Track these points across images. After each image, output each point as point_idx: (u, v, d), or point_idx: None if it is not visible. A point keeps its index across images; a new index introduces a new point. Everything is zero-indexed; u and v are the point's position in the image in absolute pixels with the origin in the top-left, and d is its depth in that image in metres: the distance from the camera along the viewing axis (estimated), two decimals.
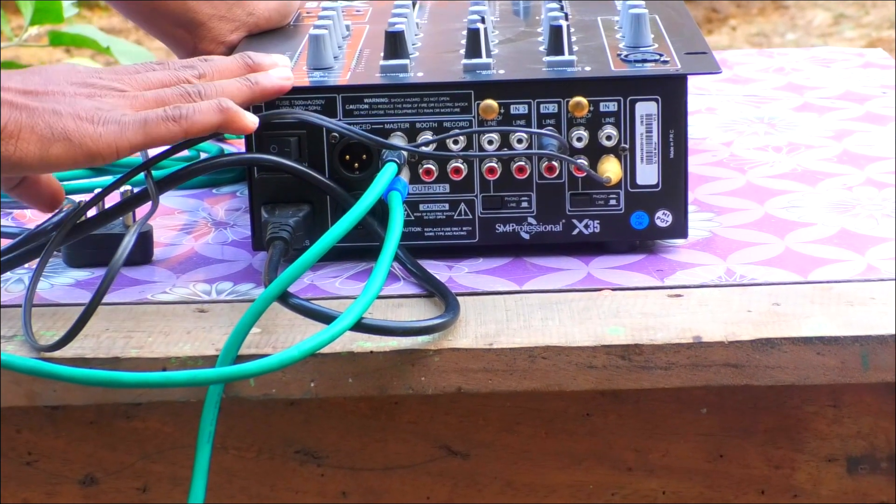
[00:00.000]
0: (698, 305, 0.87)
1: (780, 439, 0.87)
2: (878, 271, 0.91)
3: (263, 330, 0.85)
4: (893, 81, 1.31)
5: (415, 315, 0.87)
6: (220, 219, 1.05)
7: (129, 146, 0.85)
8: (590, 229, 0.94)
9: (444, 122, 0.92)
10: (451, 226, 0.94)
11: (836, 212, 1.00)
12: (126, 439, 0.88)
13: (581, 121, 0.92)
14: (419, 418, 0.87)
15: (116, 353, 0.84)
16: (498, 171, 0.93)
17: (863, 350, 0.82)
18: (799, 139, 1.16)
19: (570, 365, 0.83)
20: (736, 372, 0.83)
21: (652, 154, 0.92)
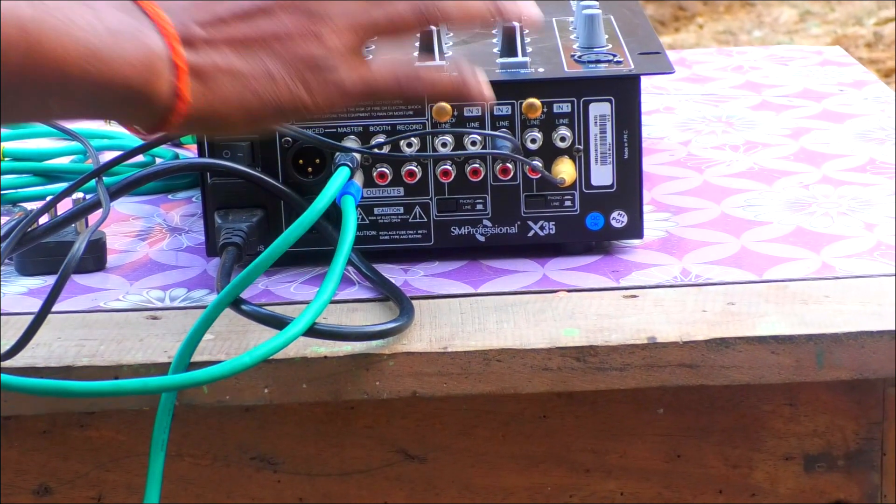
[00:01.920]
0: (653, 306, 0.87)
1: (738, 439, 0.87)
2: (832, 269, 0.91)
3: (217, 336, 0.85)
4: (850, 79, 1.31)
5: (369, 319, 0.87)
6: (176, 224, 1.04)
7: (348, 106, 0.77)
8: (545, 231, 0.94)
9: (398, 124, 0.92)
10: (406, 229, 0.94)
11: (792, 210, 1.00)
12: (80, 448, 0.87)
13: (535, 122, 0.92)
14: (375, 423, 0.87)
15: (68, 361, 0.83)
16: (452, 173, 0.92)
17: (817, 348, 0.82)
18: (756, 138, 1.16)
19: (524, 367, 0.83)
20: (691, 372, 0.83)
21: (606, 155, 0.92)
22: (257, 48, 0.75)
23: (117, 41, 0.71)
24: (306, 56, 0.75)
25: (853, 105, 1.23)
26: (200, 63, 0.74)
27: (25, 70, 0.69)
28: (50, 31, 0.69)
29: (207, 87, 0.74)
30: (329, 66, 0.75)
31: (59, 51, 0.69)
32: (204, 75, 0.74)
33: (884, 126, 1.17)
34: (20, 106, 0.71)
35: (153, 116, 0.73)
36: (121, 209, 1.07)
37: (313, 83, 0.75)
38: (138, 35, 0.72)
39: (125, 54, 0.71)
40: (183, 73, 0.73)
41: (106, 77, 0.71)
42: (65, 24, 0.69)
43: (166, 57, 0.72)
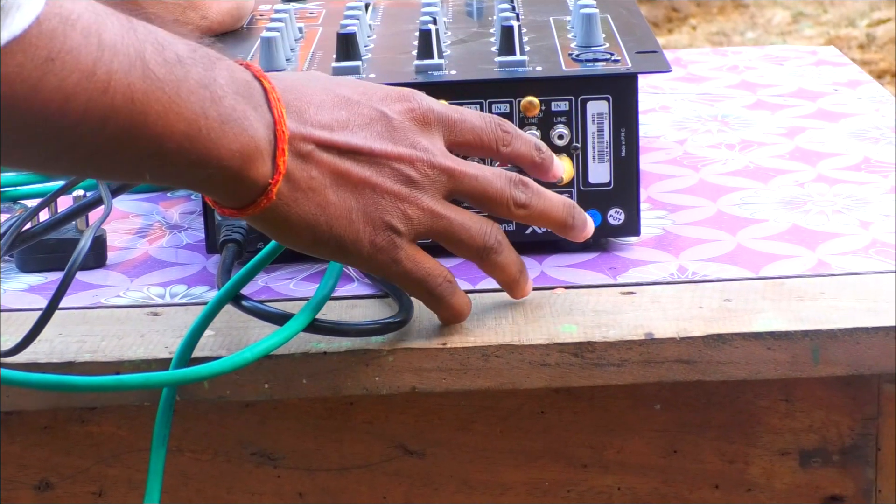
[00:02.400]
0: (650, 302, 0.87)
1: (734, 434, 0.88)
2: (828, 266, 0.91)
3: (217, 332, 0.85)
4: (845, 79, 1.32)
5: (369, 316, 0.87)
6: (175, 222, 1.05)
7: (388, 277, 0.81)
8: (543, 228, 0.94)
9: None
10: None
11: (788, 208, 1.01)
12: (81, 444, 0.88)
13: (533, 120, 0.92)
14: (374, 418, 0.87)
15: (70, 357, 0.84)
16: None
17: (813, 344, 0.83)
18: (752, 137, 1.17)
19: (523, 363, 0.83)
20: (688, 368, 0.83)
21: (604, 153, 0.93)
22: (352, 187, 0.78)
23: (224, 129, 0.73)
24: (387, 216, 0.78)
25: (848, 104, 1.24)
26: (299, 174, 0.76)
27: (125, 140, 0.70)
28: (157, 107, 0.70)
29: (294, 196, 0.76)
30: (399, 235, 0.79)
31: (162, 129, 0.70)
32: (296, 185, 0.76)
33: (878, 125, 1.18)
34: (115, 170, 0.73)
35: (235, 200, 0.76)
36: (120, 207, 1.07)
37: (380, 242, 0.79)
38: (247, 126, 0.73)
39: (228, 142, 0.73)
40: (279, 176, 0.75)
41: (203, 159, 0.72)
42: (175, 103, 0.70)
43: (270, 154, 0.75)
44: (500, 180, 0.82)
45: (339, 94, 0.79)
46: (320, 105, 0.78)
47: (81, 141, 0.69)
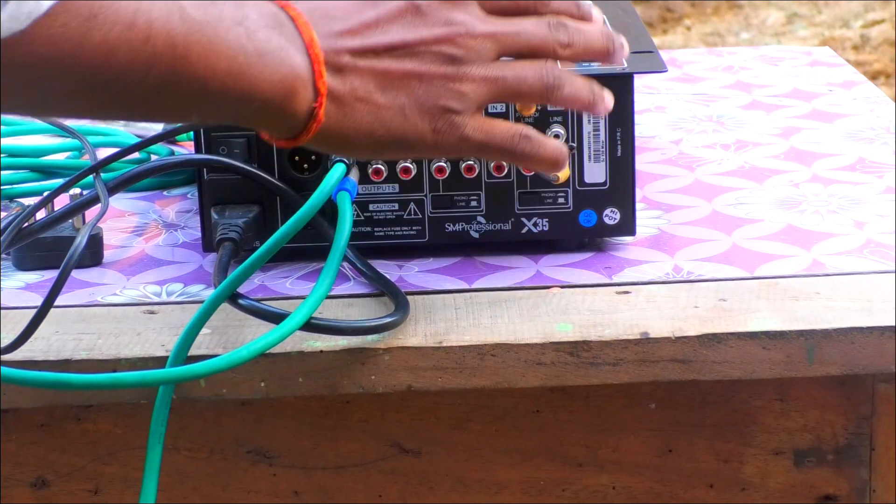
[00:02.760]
0: (646, 302, 0.88)
1: (729, 433, 0.88)
2: (823, 266, 0.92)
3: (214, 330, 0.86)
4: (840, 80, 1.32)
5: (365, 314, 0.87)
6: (171, 220, 1.05)
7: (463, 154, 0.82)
8: (539, 228, 0.94)
9: None
10: (401, 225, 0.95)
11: (783, 208, 1.01)
12: (77, 441, 0.88)
13: (529, 120, 0.93)
14: (370, 417, 0.88)
15: (66, 355, 0.84)
16: (447, 170, 0.93)
17: (808, 344, 0.83)
18: (747, 137, 1.17)
19: (518, 362, 0.84)
20: (683, 367, 0.84)
21: (599, 152, 0.93)
22: (398, 83, 0.78)
23: (264, 62, 0.73)
24: (441, 100, 0.78)
25: (843, 105, 1.24)
26: (341, 89, 0.76)
27: (169, 84, 0.71)
28: (198, 48, 0.71)
29: (342, 111, 0.76)
30: (458, 114, 0.78)
31: (204, 69, 0.72)
32: (341, 100, 0.76)
33: (873, 126, 1.18)
34: (161, 112, 0.75)
35: (286, 131, 0.76)
36: (117, 205, 1.07)
37: (441, 127, 0.78)
38: (285, 57, 0.74)
39: (269, 75, 0.74)
40: (322, 98, 0.76)
41: (246, 94, 0.73)
42: (214, 43, 0.72)
43: (309, 79, 0.75)
44: (541, 28, 0.82)
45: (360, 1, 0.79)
46: (346, 15, 0.78)
47: (128, 89, 0.70)
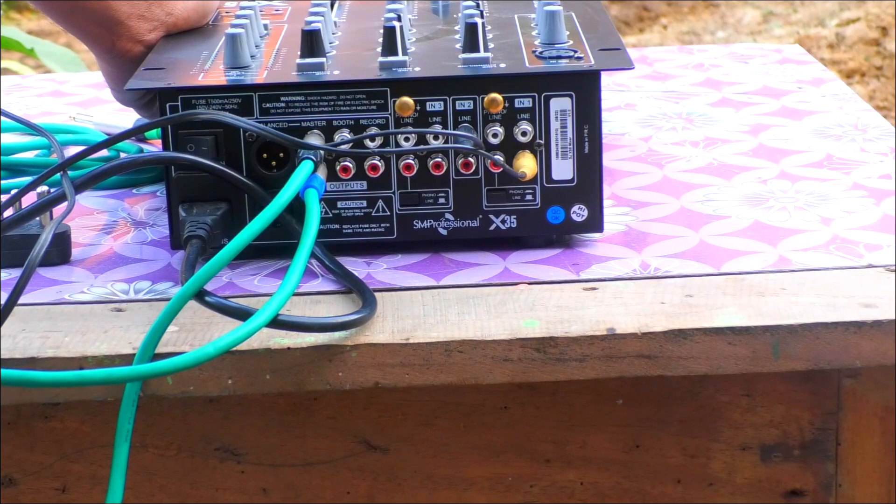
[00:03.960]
0: (612, 298, 0.88)
1: (695, 429, 0.88)
2: (789, 262, 0.92)
3: (181, 328, 0.86)
4: (809, 77, 1.32)
5: (332, 311, 0.88)
6: (140, 218, 1.05)
7: None
8: (506, 224, 0.95)
9: (361, 119, 0.93)
10: (369, 222, 0.95)
11: (750, 205, 1.02)
12: (44, 439, 0.88)
13: (496, 117, 0.93)
14: (338, 413, 0.88)
15: (32, 353, 0.84)
16: (415, 167, 0.93)
17: (773, 340, 0.84)
18: (716, 134, 1.17)
19: (485, 358, 0.84)
20: (649, 363, 0.84)
21: (567, 149, 0.93)
22: None
23: None
24: None
25: (811, 102, 1.25)
26: None
27: None
28: None
29: None
30: None
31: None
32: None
33: (841, 123, 1.19)
34: None
35: None
36: (85, 203, 1.07)
37: None
38: None
39: None
40: None
41: None
42: None
43: None
44: None
45: None
46: None
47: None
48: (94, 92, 1.36)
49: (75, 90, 1.37)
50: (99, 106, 1.30)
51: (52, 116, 1.28)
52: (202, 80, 0.94)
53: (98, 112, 1.27)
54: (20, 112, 1.28)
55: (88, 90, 1.37)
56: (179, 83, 0.94)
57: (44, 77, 1.45)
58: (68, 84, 1.39)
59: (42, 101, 1.34)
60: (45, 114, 1.29)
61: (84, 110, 1.28)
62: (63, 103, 1.33)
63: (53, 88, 1.38)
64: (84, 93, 1.36)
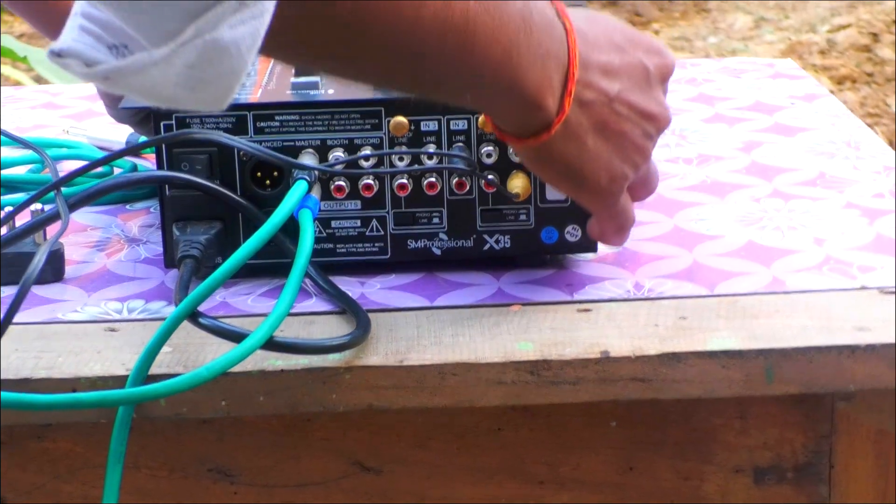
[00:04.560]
0: (606, 320, 0.88)
1: (689, 451, 0.88)
2: (782, 284, 0.92)
3: (174, 349, 0.85)
4: (802, 92, 1.33)
5: (326, 332, 0.87)
6: (134, 235, 1.05)
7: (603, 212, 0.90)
8: (500, 244, 0.95)
9: (355, 138, 0.93)
10: (363, 242, 0.95)
11: (744, 224, 1.02)
12: (37, 459, 0.88)
13: (491, 137, 0.93)
14: (331, 435, 0.88)
15: (26, 373, 0.84)
16: (409, 187, 0.93)
17: (767, 363, 0.84)
18: (709, 151, 1.18)
19: (479, 381, 0.84)
20: (643, 386, 0.84)
21: None
22: (608, 135, 0.85)
23: (531, 62, 0.79)
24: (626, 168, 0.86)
25: (804, 118, 1.25)
26: (573, 117, 0.82)
27: (456, 59, 0.76)
28: (483, 28, 0.76)
29: (563, 136, 0.82)
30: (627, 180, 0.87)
31: (484, 51, 0.76)
32: (567, 126, 0.82)
33: (833, 140, 1.19)
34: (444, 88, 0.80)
35: (522, 129, 0.83)
36: (79, 219, 1.07)
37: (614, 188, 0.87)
38: (549, 63, 0.79)
39: (533, 75, 0.79)
40: (562, 116, 0.81)
41: (510, 87, 0.79)
42: (498, 27, 0.76)
43: (559, 94, 0.81)
44: None
45: (614, 40, 0.85)
46: (600, 50, 0.84)
47: (422, 53, 0.75)
48: (87, 104, 1.35)
49: (69, 102, 1.37)
50: (93, 119, 1.30)
51: (45, 129, 1.28)
52: None
53: (92, 125, 1.27)
54: (14, 125, 1.28)
55: (82, 102, 1.37)
56: None
57: (37, 89, 1.45)
58: (62, 96, 1.39)
59: (35, 114, 1.34)
60: (39, 126, 1.29)
61: (78, 123, 1.28)
62: (57, 116, 1.33)
63: (47, 101, 1.38)
64: (78, 105, 1.36)
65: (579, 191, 0.87)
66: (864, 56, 4.49)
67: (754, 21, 5.11)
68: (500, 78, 0.78)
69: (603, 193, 0.86)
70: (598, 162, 0.85)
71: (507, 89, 0.79)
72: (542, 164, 0.85)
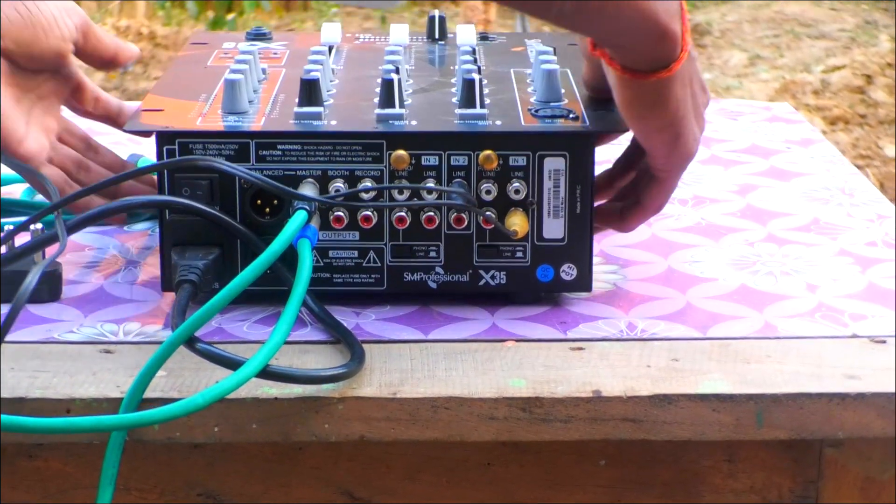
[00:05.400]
0: (599, 359, 0.89)
1: (677, 492, 0.89)
2: (774, 329, 0.93)
3: (169, 373, 0.86)
4: (798, 137, 1.34)
5: (321, 362, 0.88)
6: (131, 257, 1.05)
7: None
8: (496, 280, 0.95)
9: (356, 170, 0.93)
10: (360, 273, 0.95)
11: (737, 268, 1.03)
12: (28, 479, 0.88)
13: (490, 174, 0.93)
14: (322, 464, 0.88)
15: (21, 393, 0.84)
16: (407, 220, 0.94)
17: (757, 408, 0.85)
18: (704, 192, 1.18)
19: (471, 416, 0.84)
20: (634, 426, 0.85)
21: (559, 208, 0.94)
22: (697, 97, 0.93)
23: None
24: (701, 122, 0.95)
25: (800, 163, 1.26)
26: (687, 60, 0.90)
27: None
28: None
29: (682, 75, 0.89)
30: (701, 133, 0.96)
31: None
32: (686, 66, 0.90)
33: (828, 186, 1.20)
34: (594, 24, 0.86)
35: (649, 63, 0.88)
36: (77, 239, 1.07)
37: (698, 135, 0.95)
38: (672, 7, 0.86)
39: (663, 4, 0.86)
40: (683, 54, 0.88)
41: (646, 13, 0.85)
42: None
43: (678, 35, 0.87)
44: None
45: None
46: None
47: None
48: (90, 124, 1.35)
49: None
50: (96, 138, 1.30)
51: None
52: (200, 124, 0.95)
53: None
54: None
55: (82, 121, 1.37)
56: (177, 126, 0.94)
57: None
58: None
59: None
60: None
61: None
62: None
63: None
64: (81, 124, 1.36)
65: (673, 146, 0.92)
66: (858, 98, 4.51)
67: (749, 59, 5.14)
68: (635, 6, 0.84)
69: (687, 155, 0.94)
70: (690, 119, 0.91)
71: (641, 18, 0.85)
72: (652, 109, 0.90)
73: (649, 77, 0.88)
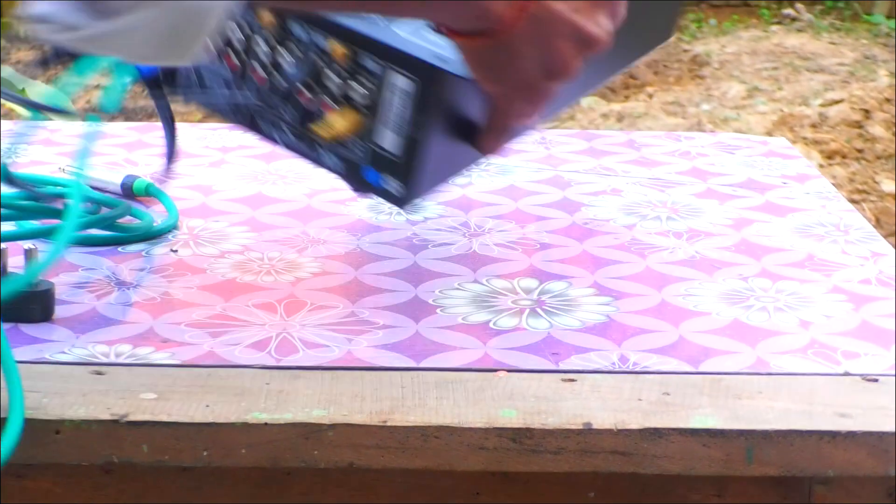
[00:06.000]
0: (590, 391, 0.89)
1: None
2: (766, 365, 0.93)
3: (160, 396, 0.86)
4: (794, 172, 1.34)
5: (312, 387, 0.88)
6: (124, 278, 1.05)
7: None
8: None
9: None
10: None
11: (730, 302, 1.03)
12: (16, 498, 0.88)
13: (344, 66, 0.94)
14: (311, 490, 0.88)
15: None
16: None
17: (748, 444, 0.84)
18: (699, 226, 1.19)
19: (461, 445, 0.84)
20: (624, 460, 0.85)
21: (402, 127, 0.93)
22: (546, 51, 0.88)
23: None
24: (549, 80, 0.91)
25: (795, 199, 1.26)
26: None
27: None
28: None
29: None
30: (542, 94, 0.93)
31: None
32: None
33: (823, 222, 1.20)
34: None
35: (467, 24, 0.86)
36: (70, 259, 1.07)
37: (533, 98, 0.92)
38: None
39: None
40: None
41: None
42: None
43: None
44: None
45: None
46: None
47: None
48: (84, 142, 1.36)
49: (66, 139, 1.37)
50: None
51: (41, 166, 1.29)
52: None
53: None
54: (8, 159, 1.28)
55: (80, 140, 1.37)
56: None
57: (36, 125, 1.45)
58: (59, 133, 1.40)
59: (32, 150, 1.34)
60: (35, 163, 1.30)
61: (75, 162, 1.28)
62: (53, 153, 1.33)
63: (44, 137, 1.38)
64: (75, 143, 1.36)
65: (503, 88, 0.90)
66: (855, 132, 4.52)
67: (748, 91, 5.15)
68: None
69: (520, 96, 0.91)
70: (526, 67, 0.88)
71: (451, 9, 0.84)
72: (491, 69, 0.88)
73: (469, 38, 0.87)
